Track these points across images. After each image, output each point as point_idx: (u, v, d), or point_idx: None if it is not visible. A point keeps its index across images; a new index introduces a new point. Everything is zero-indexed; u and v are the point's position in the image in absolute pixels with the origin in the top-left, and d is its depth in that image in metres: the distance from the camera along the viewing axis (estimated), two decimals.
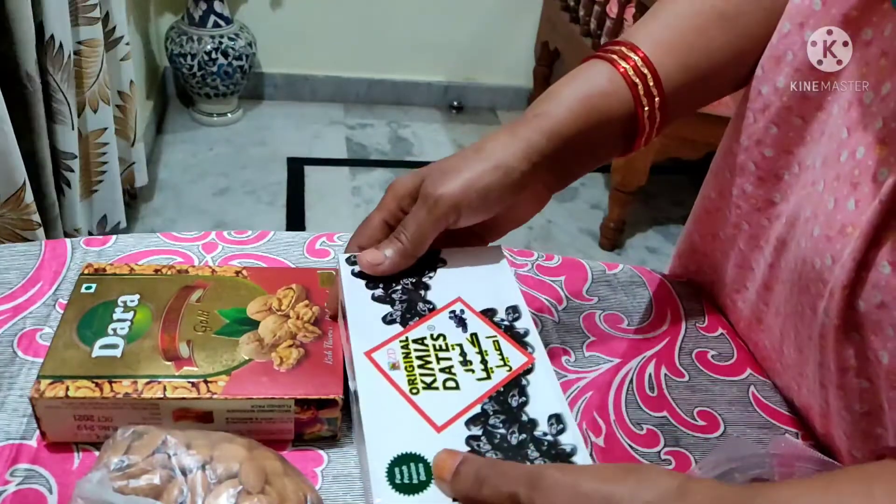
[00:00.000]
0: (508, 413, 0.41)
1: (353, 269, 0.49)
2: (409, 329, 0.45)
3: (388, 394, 0.41)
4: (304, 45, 2.50)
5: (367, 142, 2.43)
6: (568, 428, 0.41)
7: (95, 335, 0.49)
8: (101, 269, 0.55)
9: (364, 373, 0.43)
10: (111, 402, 0.45)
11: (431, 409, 0.41)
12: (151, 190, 1.97)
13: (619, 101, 0.49)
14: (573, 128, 0.48)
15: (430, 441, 0.39)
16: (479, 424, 0.40)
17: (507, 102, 2.73)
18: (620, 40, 0.52)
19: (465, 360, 0.44)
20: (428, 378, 0.43)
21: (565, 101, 0.49)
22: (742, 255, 0.61)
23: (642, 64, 0.49)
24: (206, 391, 0.46)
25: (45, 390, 0.45)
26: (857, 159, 0.45)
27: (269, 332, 0.51)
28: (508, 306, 0.48)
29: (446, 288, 0.48)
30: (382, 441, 0.39)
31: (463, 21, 2.53)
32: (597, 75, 0.50)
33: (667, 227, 2.20)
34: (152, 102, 2.22)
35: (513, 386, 0.43)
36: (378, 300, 0.47)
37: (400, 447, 0.39)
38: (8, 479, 0.44)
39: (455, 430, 0.40)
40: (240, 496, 0.39)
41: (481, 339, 0.46)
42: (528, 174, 0.47)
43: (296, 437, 0.49)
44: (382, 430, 0.40)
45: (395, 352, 0.44)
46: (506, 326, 0.47)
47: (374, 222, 0.49)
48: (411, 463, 0.38)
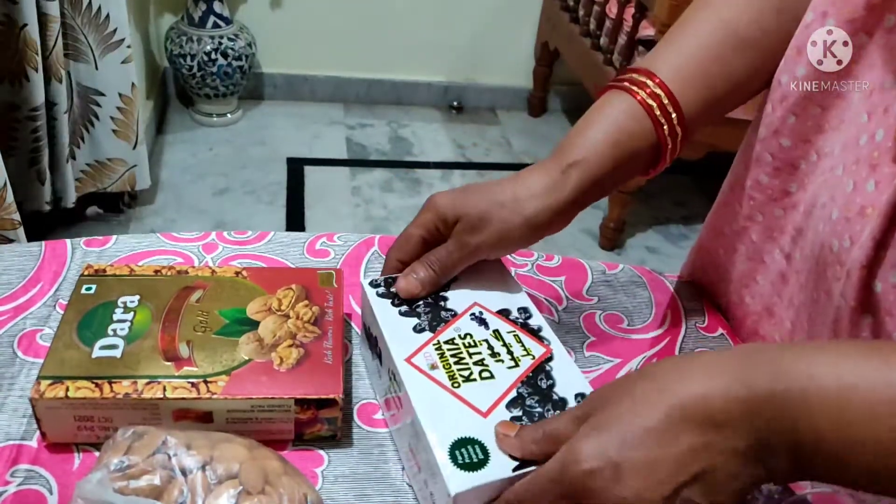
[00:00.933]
0: (541, 394, 0.47)
1: (377, 291, 0.53)
2: (439, 333, 0.50)
3: (434, 390, 0.46)
4: (304, 46, 2.50)
5: (366, 142, 2.43)
6: None
7: (95, 336, 0.49)
8: (101, 269, 0.55)
9: (409, 376, 0.47)
10: (111, 402, 0.45)
11: (474, 398, 0.46)
12: (151, 190, 1.97)
13: (643, 139, 0.52)
14: (604, 173, 0.52)
15: (480, 425, 0.44)
16: (518, 406, 0.46)
17: (507, 102, 2.73)
18: (642, 67, 0.53)
19: (493, 353, 0.49)
20: (465, 372, 0.47)
21: (597, 146, 0.52)
22: (754, 247, 0.61)
23: (668, 101, 0.52)
24: (205, 391, 0.46)
25: (46, 391, 0.45)
26: (877, 142, 0.46)
27: (268, 332, 0.51)
28: (519, 307, 0.53)
29: (462, 297, 0.53)
30: (439, 431, 0.44)
31: (463, 21, 2.53)
32: (622, 114, 0.52)
33: (667, 227, 2.20)
34: (152, 103, 2.22)
35: (539, 371, 0.48)
36: (405, 315, 0.51)
37: (455, 433, 0.43)
38: (8, 479, 0.44)
39: (499, 413, 0.45)
40: (240, 496, 0.39)
41: (503, 334, 0.51)
42: (554, 223, 0.52)
43: (296, 437, 0.49)
44: (437, 421, 0.44)
45: (431, 354, 0.48)
46: (521, 323, 0.52)
47: (413, 239, 0.54)
48: (468, 445, 0.43)
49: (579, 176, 0.51)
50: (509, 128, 2.63)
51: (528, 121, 2.70)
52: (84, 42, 1.61)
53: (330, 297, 0.55)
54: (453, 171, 2.32)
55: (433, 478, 0.43)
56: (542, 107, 2.70)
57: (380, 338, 0.50)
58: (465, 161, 2.41)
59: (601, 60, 2.06)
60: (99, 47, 1.64)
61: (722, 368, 0.36)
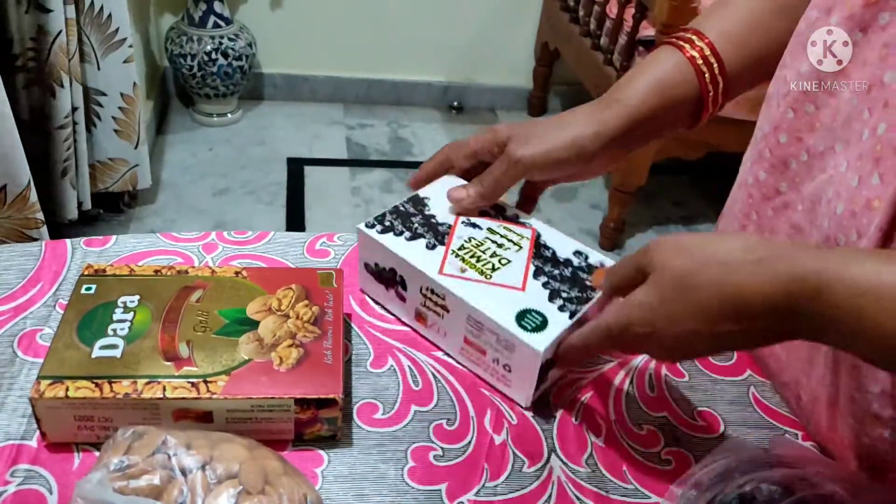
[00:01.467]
0: (550, 260, 0.57)
1: (377, 230, 0.58)
2: (449, 244, 0.58)
3: (476, 287, 0.54)
4: (304, 46, 2.50)
5: (366, 142, 2.43)
6: (590, 254, 0.59)
7: (95, 336, 0.49)
8: (101, 269, 0.55)
9: (450, 284, 0.54)
10: (111, 402, 0.45)
11: (507, 280, 0.55)
12: (151, 190, 1.97)
13: (687, 88, 0.57)
14: (646, 114, 0.57)
15: (524, 298, 0.54)
16: (542, 275, 0.56)
17: (507, 103, 2.73)
18: (691, 27, 0.59)
19: (499, 245, 0.58)
20: (488, 266, 0.56)
21: (640, 89, 0.57)
22: None
23: (710, 52, 0.56)
24: (205, 391, 0.46)
25: (45, 391, 0.45)
26: (879, 135, 0.46)
27: (268, 332, 0.51)
28: (492, 207, 0.62)
29: (446, 212, 0.61)
30: (500, 313, 0.52)
31: (463, 21, 2.52)
32: (668, 64, 0.58)
33: (667, 228, 2.20)
34: (152, 103, 2.22)
35: (538, 246, 0.59)
36: (411, 239, 0.58)
37: (513, 309, 0.52)
38: (8, 479, 0.44)
39: (532, 285, 0.55)
40: (240, 496, 0.39)
41: (496, 229, 0.60)
42: (599, 151, 0.56)
43: (296, 437, 0.49)
44: (493, 307, 0.52)
45: (454, 262, 0.56)
46: (502, 217, 0.62)
47: (464, 146, 0.61)
48: (527, 315, 0.52)
49: (619, 112, 0.56)
50: None
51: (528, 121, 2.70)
52: (87, 42, 1.61)
53: (330, 296, 0.55)
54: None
55: (509, 350, 0.52)
56: (542, 107, 2.70)
57: (401, 265, 0.56)
58: None
59: (601, 60, 2.06)
60: (101, 47, 1.64)
61: (774, 266, 0.39)
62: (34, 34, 1.42)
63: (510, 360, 0.52)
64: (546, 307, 0.53)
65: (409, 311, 0.59)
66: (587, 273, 0.57)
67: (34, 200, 1.33)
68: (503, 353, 0.52)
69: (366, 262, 0.60)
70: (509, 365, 0.53)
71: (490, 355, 0.54)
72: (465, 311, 0.53)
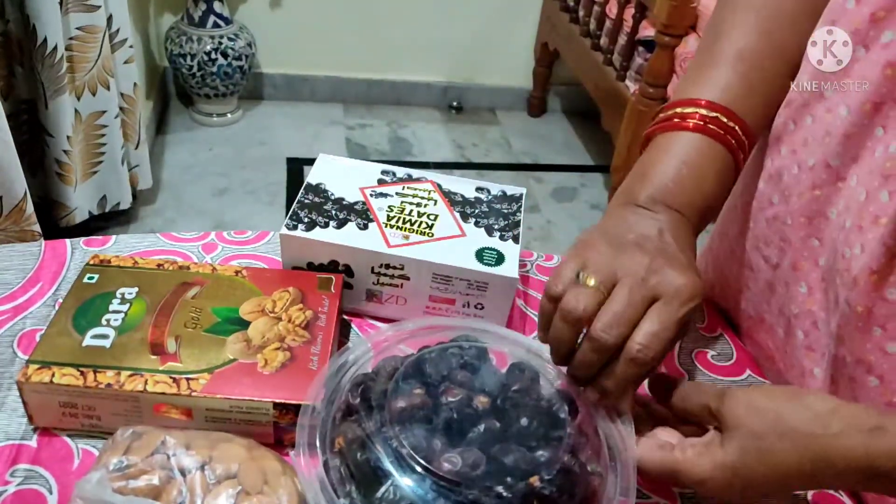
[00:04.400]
0: (466, 203, 0.62)
1: (301, 228, 0.57)
2: (377, 219, 0.59)
3: (425, 246, 0.57)
4: (304, 46, 2.50)
5: (366, 142, 2.43)
6: (490, 187, 0.65)
7: (89, 324, 0.49)
8: (105, 260, 0.55)
9: (402, 252, 0.56)
10: (93, 391, 0.45)
11: (447, 231, 0.58)
12: (151, 190, 1.97)
13: (724, 162, 0.52)
14: (712, 205, 0.52)
15: (469, 241, 0.57)
16: (469, 217, 0.60)
17: (506, 103, 2.73)
18: (695, 99, 0.53)
19: (416, 205, 0.61)
20: (423, 225, 0.59)
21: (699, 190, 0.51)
22: (746, 255, 0.61)
23: (737, 127, 0.52)
24: (186, 388, 0.46)
25: (32, 375, 0.45)
26: (890, 153, 0.46)
27: (258, 333, 0.50)
28: (382, 171, 0.65)
29: (348, 189, 0.62)
30: (458, 258, 0.55)
31: (463, 21, 2.53)
32: (696, 152, 0.52)
33: None
34: (152, 103, 2.22)
35: (447, 195, 0.63)
36: (341, 226, 0.58)
37: (469, 252, 0.56)
38: (8, 479, 0.44)
39: (468, 228, 0.59)
40: (239, 496, 0.39)
41: (401, 191, 0.62)
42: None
43: (276, 442, 0.48)
44: (449, 255, 0.56)
45: (394, 233, 0.58)
46: (397, 178, 0.64)
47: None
48: (482, 254, 0.56)
49: (695, 216, 0.51)
50: (509, 128, 2.63)
51: (527, 121, 2.70)
52: None
53: (326, 302, 0.54)
54: (453, 172, 2.32)
55: (481, 290, 0.56)
56: (541, 107, 2.70)
57: (344, 254, 0.57)
58: (464, 161, 2.41)
59: (601, 60, 2.06)
60: None
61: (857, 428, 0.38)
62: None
63: (483, 298, 0.56)
64: (491, 242, 0.58)
65: (357, 296, 0.59)
66: (499, 204, 0.63)
67: (31, 212, 1.33)
68: (475, 294, 0.56)
69: (294, 265, 0.58)
70: (481, 303, 0.56)
71: (460, 302, 0.57)
72: (429, 271, 0.56)
